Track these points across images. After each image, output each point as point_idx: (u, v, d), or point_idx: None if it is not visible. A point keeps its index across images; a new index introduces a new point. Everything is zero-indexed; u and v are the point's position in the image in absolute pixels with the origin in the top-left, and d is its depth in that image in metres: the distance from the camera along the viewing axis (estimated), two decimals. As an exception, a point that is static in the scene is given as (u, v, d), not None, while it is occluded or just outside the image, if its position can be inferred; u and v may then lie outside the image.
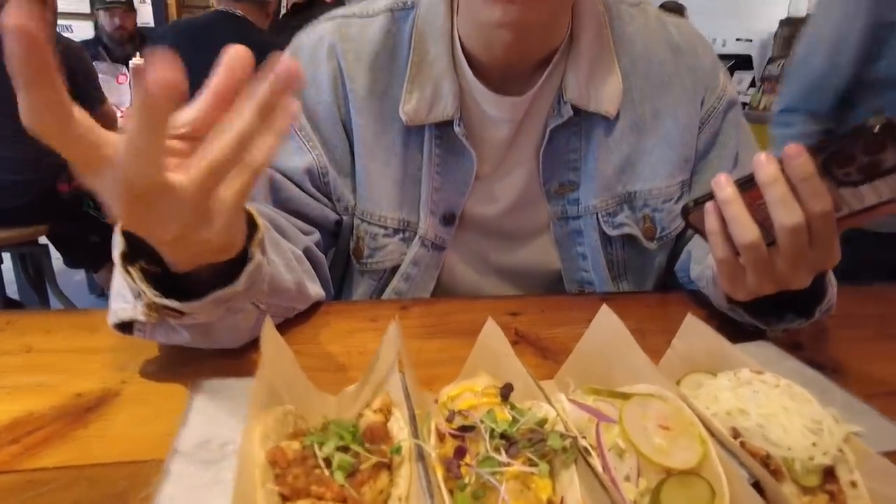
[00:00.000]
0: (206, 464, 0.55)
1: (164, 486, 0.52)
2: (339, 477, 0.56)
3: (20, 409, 0.84)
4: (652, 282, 1.39)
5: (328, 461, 0.58)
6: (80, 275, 4.30)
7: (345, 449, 0.59)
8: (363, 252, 1.25)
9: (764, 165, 0.81)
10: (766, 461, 0.66)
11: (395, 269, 1.27)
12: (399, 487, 0.58)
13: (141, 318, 0.86)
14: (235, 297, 0.85)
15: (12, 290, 3.59)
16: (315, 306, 1.15)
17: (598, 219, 1.26)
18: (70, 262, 3.34)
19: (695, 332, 0.92)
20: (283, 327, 1.08)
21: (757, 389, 0.75)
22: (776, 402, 0.72)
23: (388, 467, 0.60)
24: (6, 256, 3.40)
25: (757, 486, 0.61)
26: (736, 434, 0.69)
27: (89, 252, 3.44)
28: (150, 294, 0.77)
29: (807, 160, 0.79)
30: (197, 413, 0.62)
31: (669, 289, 1.44)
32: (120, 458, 0.76)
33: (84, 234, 3.34)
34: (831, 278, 1.01)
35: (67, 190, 3.09)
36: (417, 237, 1.24)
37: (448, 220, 1.24)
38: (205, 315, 0.85)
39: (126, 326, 0.91)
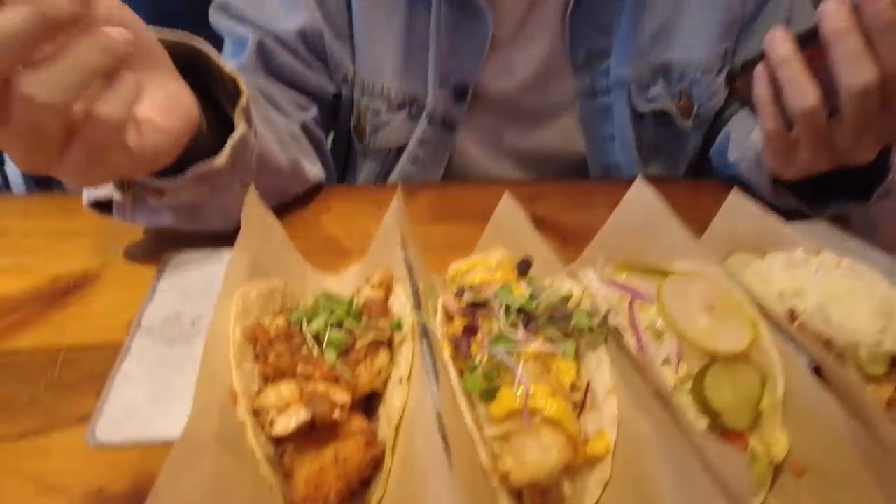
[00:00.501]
0: (173, 341, 0.48)
1: (123, 364, 0.45)
2: (331, 355, 0.48)
3: (-3, 291, 0.78)
4: (684, 166, 1.26)
5: (318, 339, 0.50)
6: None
7: (338, 326, 0.51)
8: (365, 130, 1.13)
9: (833, 13, 0.66)
10: (826, 346, 0.57)
11: (400, 151, 1.15)
12: (400, 368, 0.50)
13: (117, 196, 0.78)
14: (220, 174, 0.75)
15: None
16: (315, 190, 1.05)
17: (629, 93, 1.11)
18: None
19: (740, 211, 0.81)
20: (281, 210, 0.98)
21: (815, 269, 0.65)
22: (839, 282, 0.62)
23: (389, 346, 0.52)
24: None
25: (817, 373, 0.52)
26: (793, 317, 0.60)
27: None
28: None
29: (889, 4, 0.65)
30: (166, 287, 0.54)
31: (702, 175, 1.31)
32: (99, 341, 0.70)
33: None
34: None
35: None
36: (425, 114, 1.10)
37: (460, 93, 1.10)
38: (188, 194, 0.76)
39: (105, 207, 0.83)
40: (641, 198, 0.74)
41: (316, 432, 0.44)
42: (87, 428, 0.42)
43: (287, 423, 0.42)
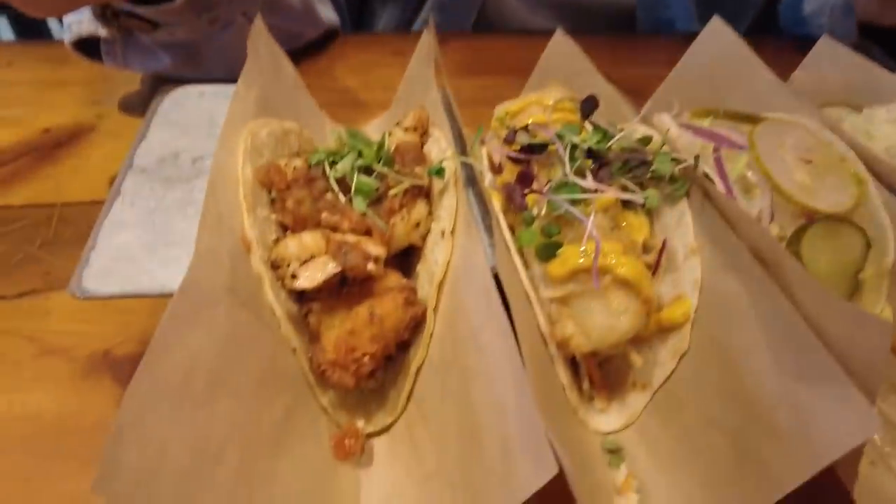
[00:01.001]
0: (172, 182, 0.40)
1: (113, 207, 0.37)
2: (360, 203, 0.40)
3: (-16, 142, 0.71)
4: (745, 24, 1.10)
5: (344, 185, 0.42)
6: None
7: (367, 170, 0.42)
8: None
9: None
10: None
11: None
12: (442, 220, 0.42)
13: (103, 33, 0.67)
14: (218, 3, 0.64)
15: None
16: (329, 38, 0.93)
17: None
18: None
19: (829, 59, 0.68)
20: (292, 59, 0.86)
21: (928, 123, 0.54)
22: (959, 137, 0.52)
23: (426, 196, 0.44)
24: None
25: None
26: (905, 173, 0.50)
27: None
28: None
29: None
30: (162, 123, 0.45)
31: (765, 34, 1.15)
32: (94, 197, 0.63)
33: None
34: None
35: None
36: None
37: None
38: (184, 29, 0.66)
39: (93, 50, 0.72)
40: (718, 40, 0.62)
41: (346, 288, 0.37)
42: (72, 278, 0.35)
43: (313, 275, 0.35)
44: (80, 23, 0.68)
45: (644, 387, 0.42)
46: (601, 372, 0.43)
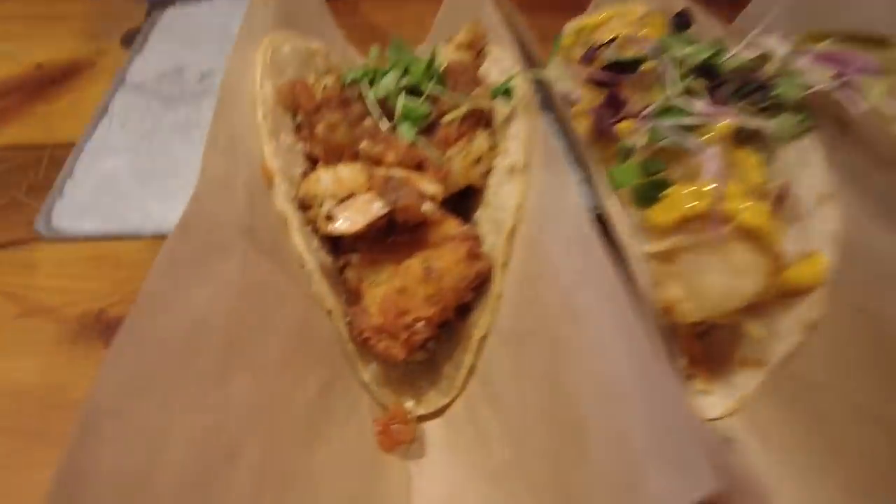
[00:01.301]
0: (173, 101, 0.33)
1: (98, 129, 0.30)
2: (408, 131, 0.32)
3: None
4: None
5: (387, 108, 0.33)
6: None
7: (414, 91, 0.34)
8: None
9: None
10: None
11: None
12: (510, 154, 0.33)
13: None
14: None
15: None
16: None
17: None
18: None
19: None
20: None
21: None
22: None
23: (487, 123, 0.35)
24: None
25: None
26: None
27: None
28: None
29: None
30: (163, 34, 0.37)
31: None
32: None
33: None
34: None
35: None
36: None
37: None
38: None
39: None
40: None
41: (395, 236, 0.29)
42: (38, 215, 0.28)
43: (354, 218, 0.27)
44: None
45: (757, 364, 0.34)
46: (701, 345, 0.35)
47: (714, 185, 0.30)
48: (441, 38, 0.51)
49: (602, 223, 0.26)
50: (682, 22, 0.40)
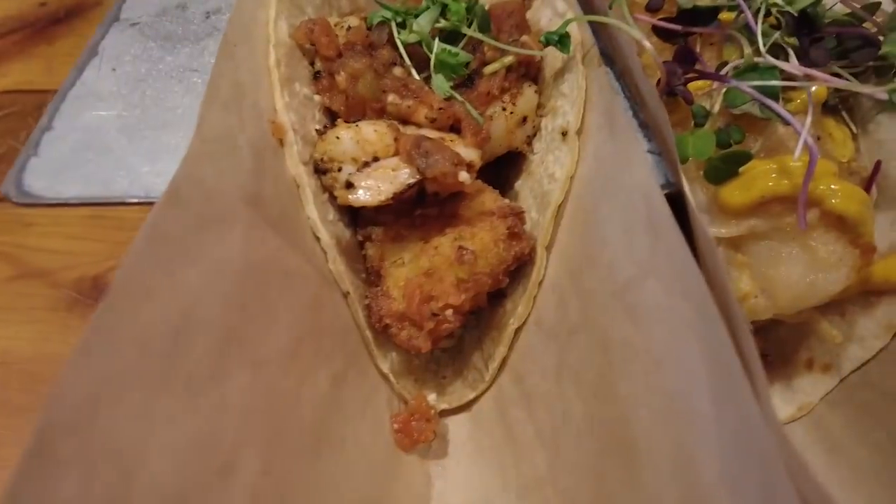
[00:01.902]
0: (174, 40, 0.29)
1: (85, 72, 0.26)
2: (443, 83, 0.27)
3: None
4: None
5: (420, 55, 0.28)
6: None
7: (453, 37, 0.29)
8: None
9: None
10: None
11: None
12: (562, 114, 0.29)
13: None
14: None
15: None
16: None
17: None
18: None
19: None
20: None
21: None
22: None
23: (536, 80, 0.30)
24: None
25: None
26: None
27: None
28: None
29: None
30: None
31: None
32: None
33: None
34: None
35: None
36: None
37: None
38: None
39: None
40: None
41: (424, 208, 0.25)
42: (8, 172, 0.24)
43: (377, 186, 0.23)
44: None
45: (827, 369, 0.30)
46: (761, 341, 0.31)
47: (803, 162, 0.25)
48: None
49: (673, 203, 0.22)
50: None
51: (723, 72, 0.28)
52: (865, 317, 0.29)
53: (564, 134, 0.28)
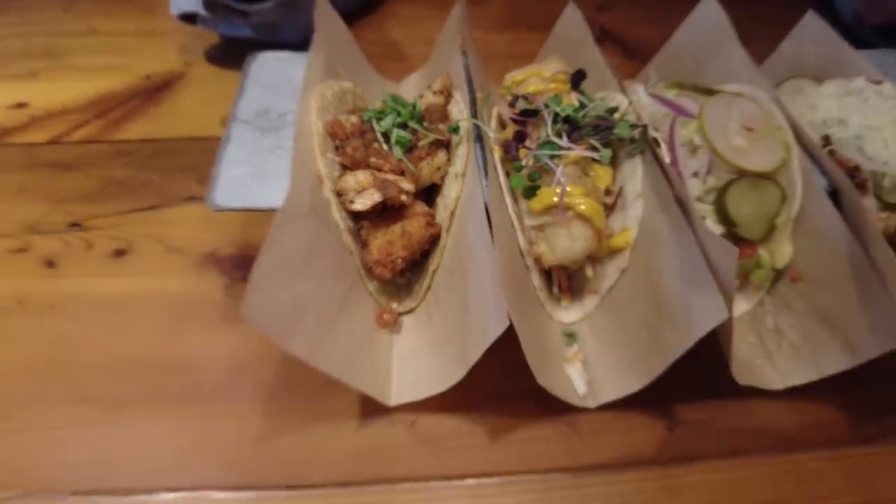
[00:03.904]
0: (266, 131, 0.56)
1: (227, 149, 0.54)
2: (398, 151, 0.56)
3: (100, 87, 0.87)
4: None
5: (387, 136, 0.57)
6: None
7: (403, 126, 0.58)
8: None
9: None
10: (853, 172, 0.61)
11: None
12: (456, 165, 0.57)
13: (204, 13, 0.82)
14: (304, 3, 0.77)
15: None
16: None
17: None
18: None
19: (811, 33, 0.78)
20: (347, 16, 0.99)
21: (868, 99, 0.65)
22: (887, 114, 0.63)
23: (446, 147, 0.59)
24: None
25: (834, 196, 0.57)
26: (826, 143, 0.63)
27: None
28: None
29: None
30: (253, 84, 0.61)
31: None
32: (191, 134, 0.80)
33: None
34: None
35: None
36: None
37: None
38: (270, 16, 0.81)
39: (189, 17, 0.87)
40: (708, 16, 0.73)
41: (387, 212, 0.54)
42: (206, 196, 0.52)
43: (364, 202, 0.52)
44: (187, 2, 0.84)
45: (595, 292, 0.58)
46: (569, 280, 0.60)
47: (560, 189, 0.53)
48: (431, 70, 0.75)
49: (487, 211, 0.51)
50: (577, 79, 0.62)
51: (532, 145, 0.56)
52: (610, 264, 0.57)
53: (456, 176, 0.57)
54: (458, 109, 0.60)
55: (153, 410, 0.54)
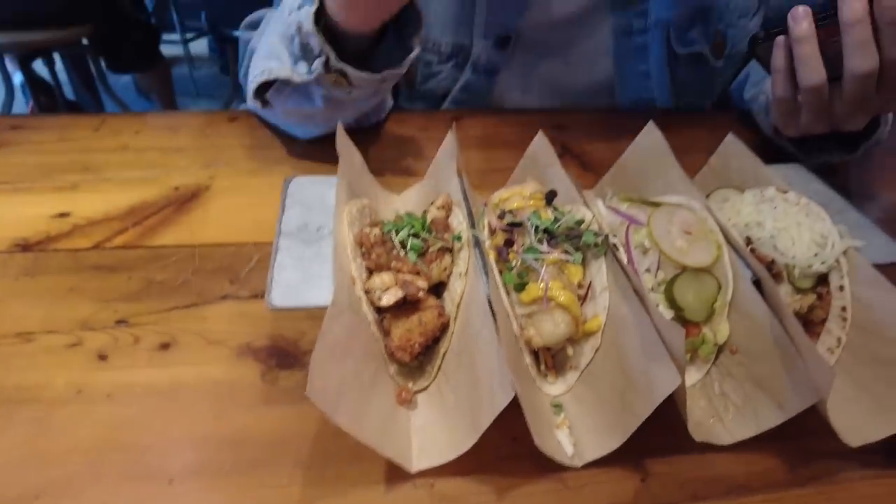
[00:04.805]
0: (308, 242, 0.69)
1: (278, 256, 0.67)
2: (412, 256, 0.70)
3: (135, 197, 0.98)
4: (711, 100, 1.37)
5: (403, 244, 0.71)
6: (128, 77, 4.36)
7: (416, 235, 0.72)
8: (415, 78, 1.26)
9: (852, 2, 0.75)
10: (770, 266, 0.77)
11: (445, 96, 1.27)
12: (459, 267, 0.71)
13: (297, 78, 0.88)
14: (392, 78, 0.90)
15: (68, 92, 3.71)
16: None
17: (667, 35, 1.19)
18: (113, 64, 3.31)
19: (732, 151, 0.98)
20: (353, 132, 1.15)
21: (777, 206, 0.83)
22: (792, 217, 0.81)
23: (451, 252, 0.73)
24: (56, 58, 3.46)
25: (758, 284, 0.73)
26: (749, 242, 0.79)
27: (133, 52, 3.41)
28: (333, 56, 0.82)
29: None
30: (292, 202, 0.75)
31: (724, 107, 1.44)
32: (222, 240, 0.92)
33: (125, 33, 3.29)
34: (887, 117, 0.99)
35: (98, -12, 3.01)
36: (470, 63, 1.21)
37: (503, 43, 1.20)
38: (364, 89, 0.90)
39: (260, 91, 0.95)
40: (649, 139, 0.92)
41: (405, 305, 0.67)
42: (265, 298, 0.64)
43: (389, 298, 0.64)
44: (280, 69, 0.89)
45: (576, 368, 0.71)
46: (553, 359, 0.72)
47: (544, 284, 0.67)
48: (428, 186, 0.90)
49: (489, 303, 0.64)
50: (550, 197, 0.78)
51: (519, 250, 0.71)
52: (586, 344, 0.70)
53: (461, 275, 0.71)
54: (458, 221, 0.75)
55: (205, 483, 0.63)
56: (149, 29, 3.46)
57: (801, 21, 0.82)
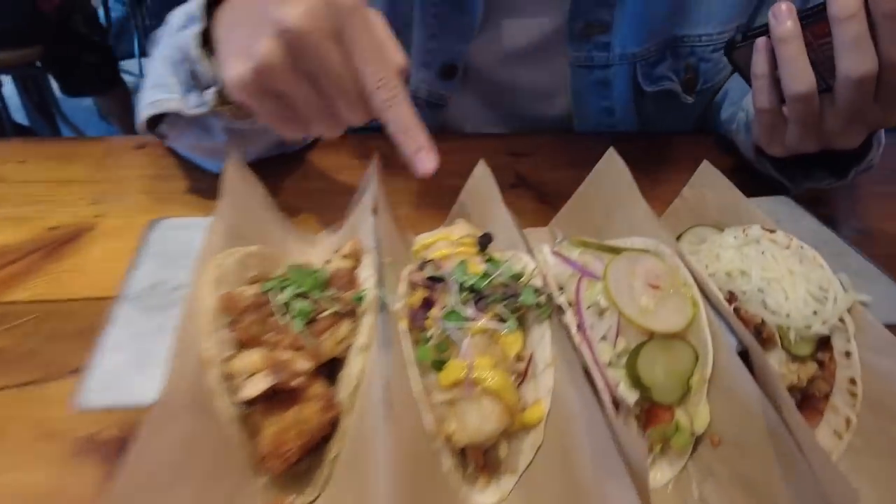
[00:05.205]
0: (153, 310, 0.52)
1: (110, 330, 0.50)
2: (298, 324, 0.53)
3: (-4, 241, 0.83)
4: (690, 125, 1.26)
5: (288, 308, 0.54)
6: (89, 101, 4.18)
7: (303, 295, 0.55)
8: None
9: None
10: (759, 328, 0.61)
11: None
12: (361, 337, 0.55)
13: (189, 111, 0.73)
14: None
15: (21, 117, 3.53)
16: (311, 144, 1.08)
17: (634, 70, 1.08)
18: (67, 87, 3.16)
19: (708, 181, 0.83)
20: (269, 164, 0.99)
21: (764, 249, 0.68)
22: (783, 264, 0.66)
23: (353, 315, 0.57)
24: (6, 80, 3.29)
25: (744, 354, 0.57)
26: (732, 298, 0.64)
27: (87, 75, 3.28)
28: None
29: None
30: (150, 255, 0.58)
31: (698, 131, 1.31)
32: (93, 294, 0.74)
33: (78, 54, 3.16)
34: (880, 136, 0.86)
35: (50, 9, 2.87)
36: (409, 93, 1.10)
37: (447, 73, 1.06)
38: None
39: (152, 126, 0.80)
40: (610, 170, 0.77)
41: (279, 395, 0.50)
42: (75, 394, 0.47)
43: (251, 389, 0.47)
44: (170, 101, 0.75)
45: (513, 471, 0.54)
46: (485, 458, 0.56)
47: (468, 362, 0.51)
48: (347, 231, 0.74)
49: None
50: (483, 242, 0.63)
51: (440, 314, 0.54)
52: (525, 440, 0.54)
53: (360, 349, 0.54)
54: (367, 274, 0.59)
55: None
56: (104, 50, 3.30)
57: (785, 19, 0.68)
